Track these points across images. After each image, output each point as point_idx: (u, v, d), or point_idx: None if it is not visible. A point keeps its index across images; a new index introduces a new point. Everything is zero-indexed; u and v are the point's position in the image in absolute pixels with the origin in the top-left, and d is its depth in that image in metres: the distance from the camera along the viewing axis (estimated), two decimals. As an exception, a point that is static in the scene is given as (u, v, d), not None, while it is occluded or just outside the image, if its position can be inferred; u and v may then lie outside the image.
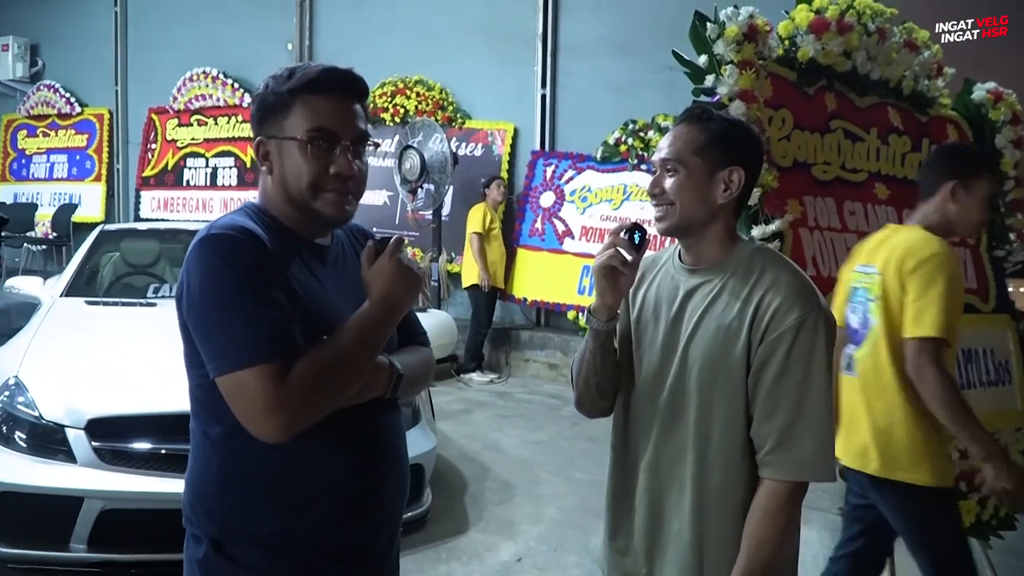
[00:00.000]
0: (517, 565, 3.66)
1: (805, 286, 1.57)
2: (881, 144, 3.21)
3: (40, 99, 11.23)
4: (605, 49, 7.69)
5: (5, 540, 3.15)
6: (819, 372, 1.53)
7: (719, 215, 1.63)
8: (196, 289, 1.34)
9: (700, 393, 1.61)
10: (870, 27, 3.10)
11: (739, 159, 1.61)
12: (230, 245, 1.36)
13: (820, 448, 1.53)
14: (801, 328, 1.52)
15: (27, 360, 3.59)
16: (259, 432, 1.32)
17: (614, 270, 1.59)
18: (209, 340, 1.34)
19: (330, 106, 1.44)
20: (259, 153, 1.48)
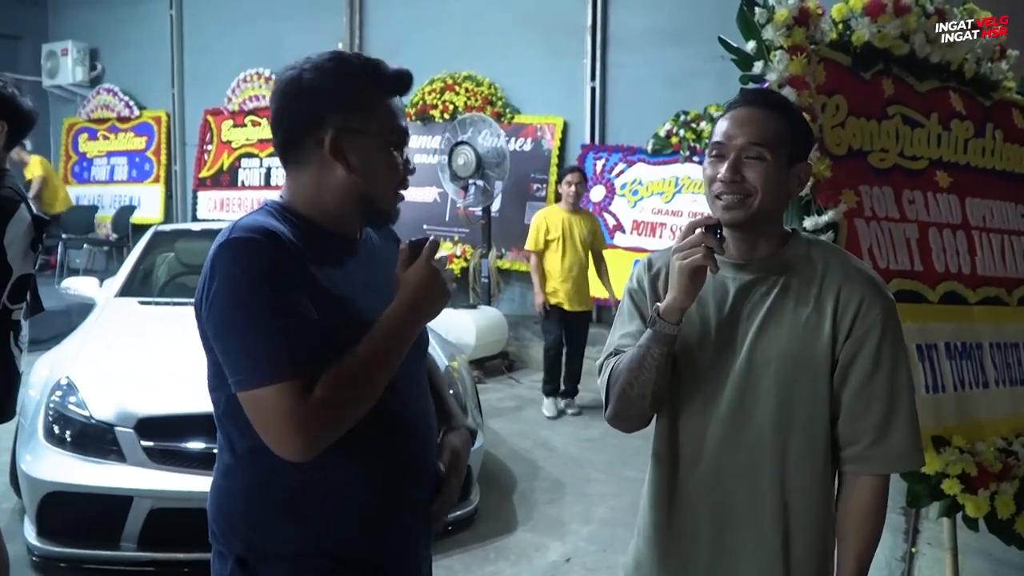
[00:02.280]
0: (566, 566, 3.61)
1: (877, 277, 1.58)
2: (942, 130, 3.06)
3: (100, 103, 11.48)
4: (655, 40, 7.56)
5: (56, 539, 3.21)
6: (904, 363, 1.54)
7: (783, 209, 1.63)
8: (216, 299, 1.28)
9: (779, 394, 1.52)
10: (928, 8, 2.96)
11: (806, 153, 1.62)
12: (251, 250, 1.29)
13: (914, 438, 1.53)
14: (887, 320, 1.52)
15: (78, 360, 3.65)
16: (282, 452, 1.28)
17: (703, 271, 1.46)
18: (230, 354, 1.29)
19: (399, 106, 1.45)
20: (331, 147, 1.37)
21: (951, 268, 2.96)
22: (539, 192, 8.05)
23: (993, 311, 3.06)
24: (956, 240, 3.01)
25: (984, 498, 2.66)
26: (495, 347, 7.16)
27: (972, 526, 2.74)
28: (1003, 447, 2.81)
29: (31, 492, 3.23)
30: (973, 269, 3.04)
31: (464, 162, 7.34)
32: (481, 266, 7.60)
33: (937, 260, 2.92)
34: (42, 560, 3.26)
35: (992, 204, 3.20)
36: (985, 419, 2.89)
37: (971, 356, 2.93)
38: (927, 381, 2.75)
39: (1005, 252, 3.18)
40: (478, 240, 7.77)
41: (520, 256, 8.07)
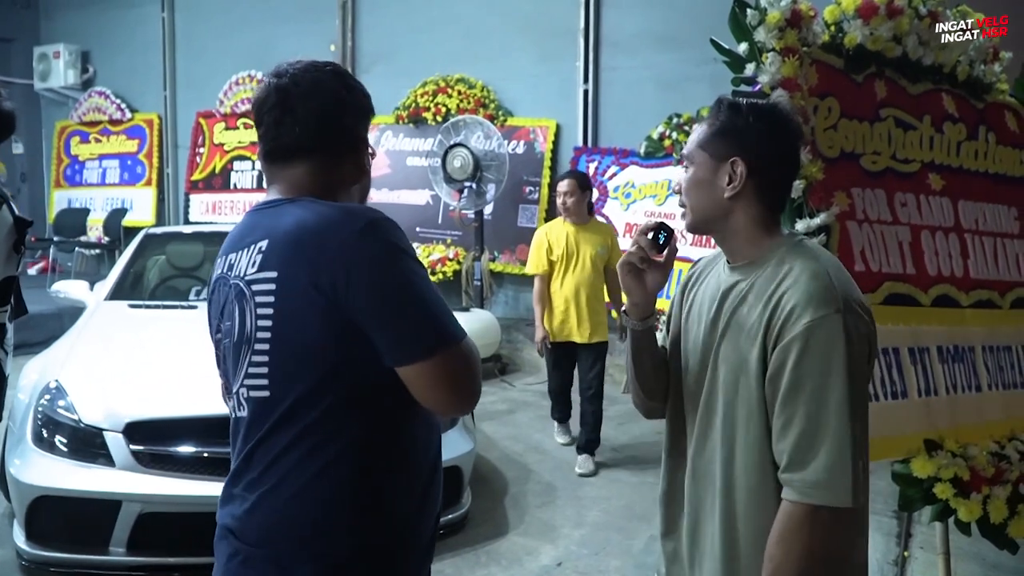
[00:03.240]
0: (557, 570, 3.59)
1: (826, 286, 1.43)
2: (935, 132, 3.06)
3: (92, 105, 11.44)
4: (648, 43, 7.57)
5: (45, 543, 3.18)
6: (838, 382, 1.39)
7: (735, 209, 1.55)
8: (382, 275, 1.32)
9: (725, 400, 1.54)
10: (921, 10, 2.95)
11: (741, 148, 1.54)
12: (396, 227, 1.38)
13: (835, 468, 1.38)
14: (812, 333, 1.40)
15: (68, 363, 3.62)
16: (466, 404, 1.42)
17: (635, 267, 1.59)
18: (414, 323, 1.33)
19: None
20: (363, 152, 1.54)
21: (944, 271, 2.95)
22: (532, 195, 8.04)
23: (986, 314, 3.05)
24: (949, 243, 3.01)
25: (977, 502, 2.65)
26: (488, 350, 7.14)
27: (965, 530, 2.73)
28: (996, 451, 2.81)
29: (20, 496, 3.21)
30: (966, 272, 3.03)
31: (461, 164, 7.33)
32: (474, 269, 7.59)
33: (930, 263, 2.92)
34: (31, 564, 3.24)
35: (985, 207, 3.19)
36: (978, 423, 2.89)
37: (964, 359, 2.93)
38: (919, 384, 2.74)
39: (998, 255, 3.18)
40: (471, 243, 7.76)
41: (512, 259, 8.06)
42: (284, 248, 1.36)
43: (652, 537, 3.86)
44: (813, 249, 1.55)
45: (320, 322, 1.33)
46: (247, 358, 1.41)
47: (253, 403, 1.42)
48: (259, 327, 1.39)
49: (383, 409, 1.39)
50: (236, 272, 1.44)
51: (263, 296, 1.38)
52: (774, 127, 1.57)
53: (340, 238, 1.32)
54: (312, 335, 1.33)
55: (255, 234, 1.44)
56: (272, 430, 1.39)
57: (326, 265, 1.31)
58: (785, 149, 1.59)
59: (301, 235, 1.35)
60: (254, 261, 1.41)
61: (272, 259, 1.38)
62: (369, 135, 1.59)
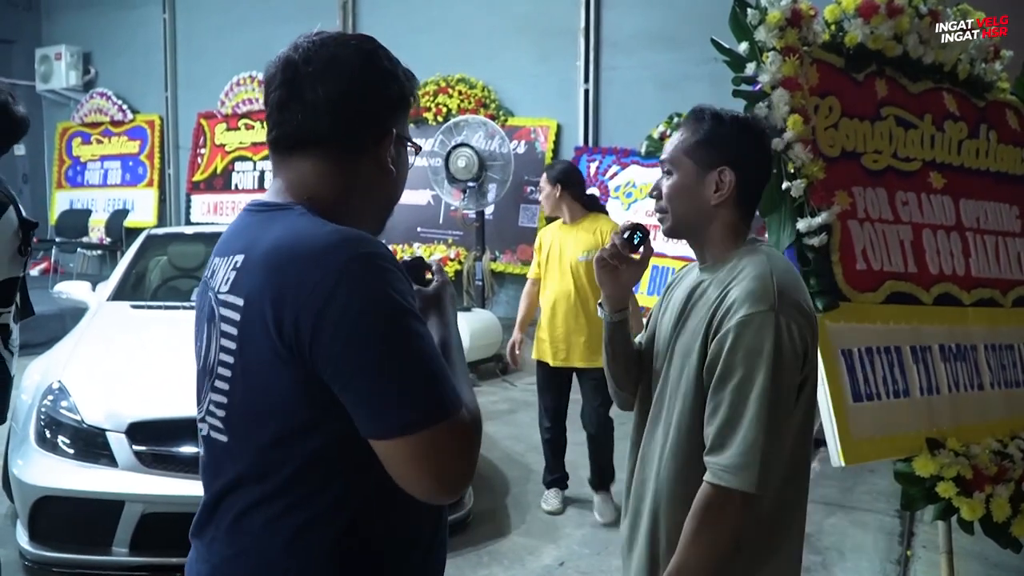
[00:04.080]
0: (559, 569, 3.59)
1: (765, 286, 1.51)
2: (936, 131, 3.06)
3: (93, 107, 11.45)
4: (648, 42, 7.57)
5: (48, 543, 3.18)
6: (762, 375, 1.46)
7: (716, 216, 1.63)
8: (367, 327, 1.05)
9: (671, 391, 1.64)
10: (921, 9, 2.96)
11: (729, 158, 1.60)
12: (390, 264, 1.11)
13: (746, 455, 1.46)
14: (745, 327, 1.49)
15: (70, 364, 3.63)
16: (450, 490, 1.11)
17: (607, 263, 1.70)
18: (395, 391, 1.06)
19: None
20: (387, 147, 1.25)
21: (945, 270, 2.95)
22: (532, 195, 8.04)
23: (988, 313, 3.05)
24: (950, 242, 3.01)
25: (979, 501, 2.65)
26: (489, 350, 7.15)
27: (967, 529, 2.73)
28: (998, 449, 2.81)
29: (23, 497, 3.21)
30: (967, 271, 3.03)
31: (465, 164, 7.33)
32: (475, 269, 7.60)
33: (931, 262, 2.92)
34: (34, 565, 3.24)
35: (986, 205, 3.19)
36: (980, 421, 2.89)
37: (966, 358, 2.93)
38: (921, 383, 2.75)
39: (999, 253, 3.18)
40: (472, 243, 7.77)
41: (514, 259, 8.06)
42: (256, 272, 1.13)
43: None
44: (768, 252, 1.62)
45: (284, 374, 1.09)
46: (208, 392, 1.21)
47: (212, 445, 1.22)
48: (220, 360, 1.17)
49: (372, 469, 1.11)
50: (214, 284, 1.22)
51: (227, 325, 1.15)
52: (758, 139, 1.66)
53: (315, 276, 1.06)
54: (275, 385, 1.11)
55: (238, 243, 1.21)
56: (235, 484, 1.18)
57: (292, 306, 1.07)
58: (765, 160, 1.69)
59: (274, 261, 1.11)
60: (228, 278, 1.18)
61: (243, 281, 1.15)
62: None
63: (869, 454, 2.65)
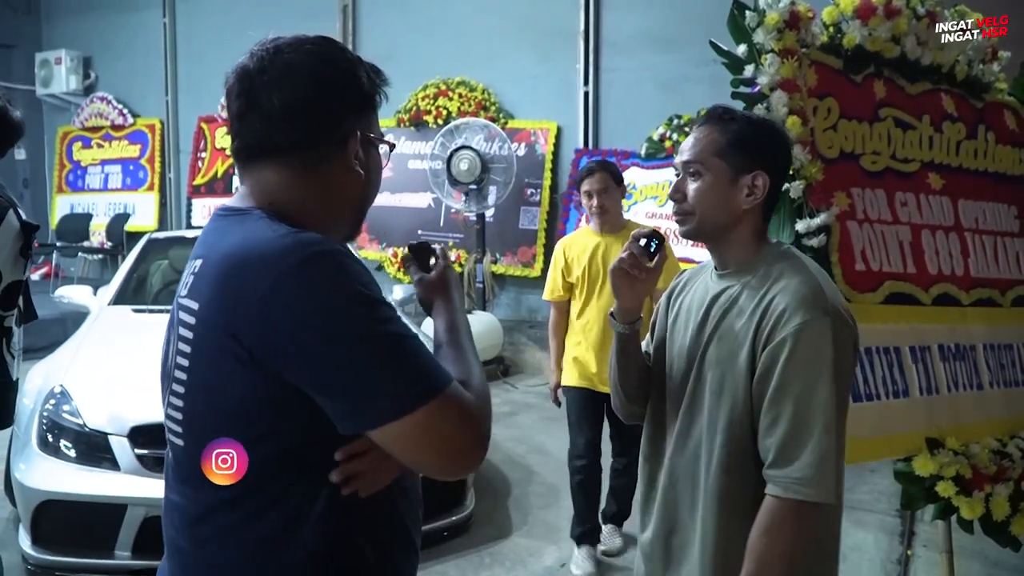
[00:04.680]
0: (561, 571, 3.60)
1: (815, 291, 1.49)
2: (934, 132, 3.07)
3: (94, 111, 11.46)
4: (648, 44, 7.58)
5: (51, 547, 3.20)
6: (825, 383, 1.44)
7: (743, 220, 1.60)
8: (328, 323, 1.04)
9: (710, 401, 1.57)
10: (919, 11, 2.97)
11: (763, 162, 1.57)
12: (346, 259, 1.09)
13: (819, 465, 1.43)
14: (802, 335, 1.45)
15: (72, 369, 3.64)
16: (468, 462, 1.12)
17: (626, 273, 1.63)
18: (378, 380, 1.04)
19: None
20: (352, 150, 1.22)
21: (944, 270, 2.96)
22: (533, 197, 8.06)
23: (987, 313, 3.06)
24: (949, 242, 3.02)
25: (979, 500, 2.66)
26: (490, 352, 7.15)
27: (967, 528, 2.73)
28: (998, 449, 2.82)
29: (25, 500, 3.23)
30: (966, 271, 3.04)
31: (468, 167, 7.34)
32: (476, 271, 7.61)
33: (930, 262, 2.93)
34: (37, 568, 3.25)
35: (985, 206, 3.20)
36: (980, 421, 2.90)
37: (965, 358, 2.94)
38: (921, 383, 2.75)
39: (998, 254, 3.19)
40: (472, 245, 7.77)
41: (514, 261, 8.07)
42: (210, 277, 1.12)
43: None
44: (800, 256, 1.60)
45: (242, 380, 1.07)
46: (168, 394, 1.19)
47: (173, 449, 1.20)
48: (177, 364, 1.16)
49: (329, 478, 1.11)
50: (178, 288, 1.21)
51: (184, 329, 1.14)
52: (785, 143, 1.65)
53: (265, 280, 1.05)
54: (231, 394, 1.09)
55: (201, 247, 1.20)
56: (193, 490, 1.16)
57: (246, 312, 1.05)
58: (789, 164, 1.68)
59: (227, 267, 1.10)
60: (187, 282, 1.17)
61: (199, 286, 1.13)
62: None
63: (869, 454, 2.66)
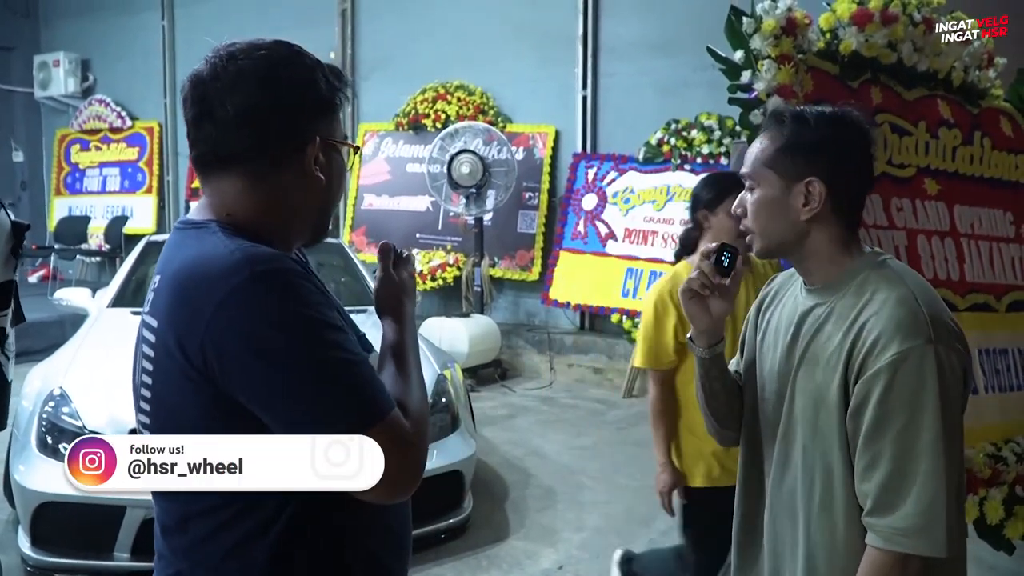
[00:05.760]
0: (558, 573, 3.61)
1: (913, 312, 1.32)
2: (930, 138, 3.09)
3: (92, 113, 11.46)
4: (646, 49, 7.60)
5: (50, 549, 3.21)
6: (930, 420, 1.28)
7: (812, 231, 1.43)
8: (271, 346, 1.05)
9: (804, 432, 1.44)
10: (916, 17, 2.99)
11: (817, 166, 1.41)
12: (294, 279, 1.09)
13: (927, 514, 1.27)
14: (900, 366, 1.29)
15: (71, 371, 3.64)
16: (399, 491, 1.12)
17: (697, 294, 1.49)
18: (313, 404, 1.05)
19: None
20: (311, 156, 1.19)
21: (939, 275, 2.98)
22: (531, 201, 8.07)
23: (981, 318, 3.08)
24: (944, 247, 3.04)
25: (973, 503, 2.68)
26: (488, 355, 7.17)
27: (962, 531, 2.75)
28: (992, 453, 2.83)
29: (25, 502, 3.23)
30: (961, 276, 3.06)
31: (470, 171, 7.36)
32: (474, 275, 7.62)
33: (926, 267, 2.94)
34: (36, 570, 3.26)
35: (980, 211, 3.22)
36: (974, 425, 2.90)
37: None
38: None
39: (993, 259, 3.21)
40: (471, 249, 7.79)
41: (512, 264, 8.08)
42: (165, 294, 1.14)
43: (652, 541, 3.88)
44: (898, 269, 1.43)
45: (195, 396, 1.10)
46: (137, 410, 1.23)
47: None
48: (143, 381, 1.18)
49: (311, 499, 1.12)
50: (144, 303, 1.22)
51: (146, 346, 1.16)
52: (848, 137, 1.44)
53: (211, 299, 1.05)
54: (188, 407, 1.11)
55: (161, 262, 1.21)
56: (167, 503, 1.20)
57: (193, 332, 1.07)
58: (861, 160, 1.46)
59: (177, 284, 1.11)
60: (148, 298, 1.19)
61: (158, 303, 1.15)
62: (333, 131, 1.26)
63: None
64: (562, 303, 7.65)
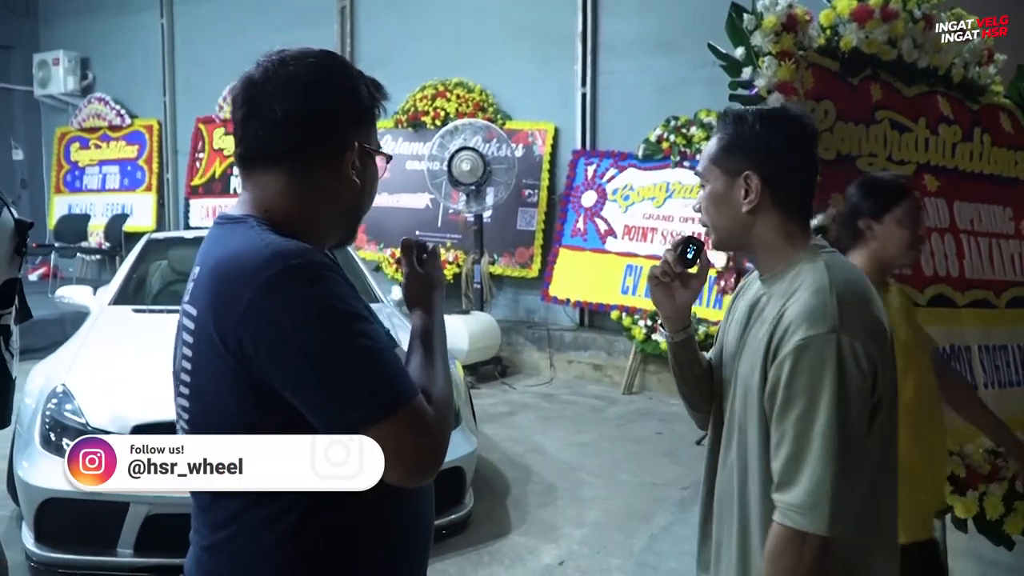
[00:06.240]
0: (559, 569, 3.63)
1: (823, 303, 1.38)
2: (930, 134, 3.10)
3: (91, 112, 11.45)
4: (646, 46, 7.61)
5: (54, 545, 3.22)
6: (826, 405, 1.34)
7: (756, 223, 1.51)
8: (303, 335, 1.11)
9: (739, 415, 1.52)
10: (916, 14, 3.00)
11: (752, 160, 1.49)
12: (324, 272, 1.15)
13: (814, 493, 1.34)
14: (803, 353, 1.36)
15: (74, 368, 3.65)
16: (423, 474, 1.18)
17: (659, 281, 1.60)
18: (336, 394, 1.12)
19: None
20: (348, 160, 1.28)
21: (939, 271, 2.99)
22: (531, 198, 8.08)
23: (981, 314, 3.09)
24: (944, 244, 3.05)
25: (973, 499, 2.69)
26: (488, 352, 7.18)
27: (961, 527, 2.76)
28: (992, 448, 2.84)
29: (28, 499, 3.24)
30: (961, 272, 3.07)
31: (470, 168, 7.37)
32: (473, 272, 7.63)
33: (925, 263, 2.95)
34: (40, 566, 3.28)
35: (980, 208, 3.23)
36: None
37: (960, 359, 2.96)
38: (916, 383, 2.78)
39: (993, 255, 3.22)
40: (470, 246, 7.80)
41: (512, 262, 8.09)
42: (204, 285, 1.20)
43: (652, 536, 3.90)
44: (830, 261, 1.48)
45: (234, 386, 1.16)
46: (177, 396, 1.29)
47: None
48: (182, 367, 1.24)
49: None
50: (184, 293, 1.29)
51: (187, 334, 1.22)
52: (784, 133, 1.51)
53: (247, 290, 1.12)
54: (225, 393, 1.18)
55: (200, 255, 1.28)
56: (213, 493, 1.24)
57: (231, 322, 1.13)
58: (799, 154, 1.53)
59: (215, 276, 1.18)
60: (189, 288, 1.26)
61: (197, 293, 1.22)
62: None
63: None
64: (562, 300, 7.66)
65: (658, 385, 6.92)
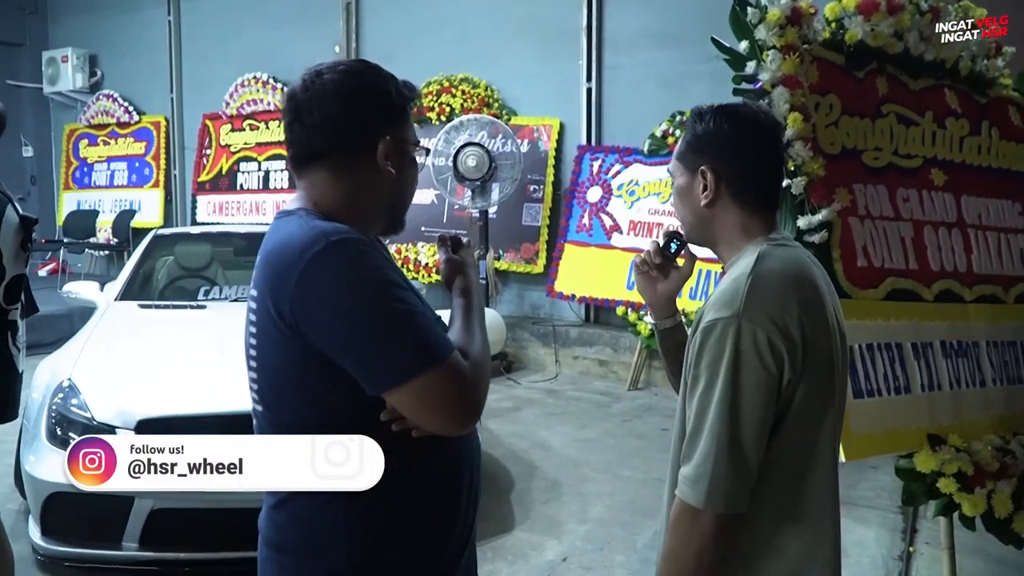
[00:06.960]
0: (563, 565, 3.62)
1: (735, 290, 1.42)
2: (937, 128, 3.08)
3: (100, 108, 11.49)
4: (651, 41, 7.58)
5: (60, 539, 3.23)
6: (721, 385, 1.38)
7: (714, 217, 1.57)
8: (346, 301, 1.26)
9: (682, 398, 1.57)
10: (922, 6, 2.98)
11: (708, 156, 1.55)
12: (361, 248, 1.31)
13: (700, 467, 1.38)
14: (707, 335, 1.41)
15: (80, 363, 3.66)
16: (462, 423, 1.33)
17: (641, 271, 1.72)
18: (388, 349, 1.26)
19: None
20: (382, 153, 1.43)
21: (947, 266, 2.97)
22: (536, 194, 8.06)
23: (989, 309, 3.07)
24: (952, 238, 3.02)
25: (981, 497, 2.67)
26: (493, 348, 7.15)
27: (969, 525, 2.74)
28: (1000, 445, 2.82)
29: (35, 492, 3.25)
30: (969, 267, 3.05)
31: (476, 163, 7.36)
32: (479, 267, 7.62)
33: (932, 258, 2.93)
34: (46, 559, 3.30)
35: (988, 202, 3.21)
36: (982, 417, 2.90)
37: (967, 354, 2.94)
38: (923, 379, 2.76)
39: (1001, 250, 3.19)
40: (476, 241, 7.79)
41: (517, 257, 8.08)
42: (262, 268, 1.37)
43: (656, 532, 3.88)
44: (767, 252, 1.49)
45: (292, 354, 1.31)
46: (248, 367, 1.43)
47: (256, 416, 1.44)
48: (250, 344, 1.40)
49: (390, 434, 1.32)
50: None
51: (251, 313, 1.39)
52: (737, 129, 1.56)
53: (296, 266, 1.28)
54: (284, 361, 1.33)
55: (262, 245, 1.43)
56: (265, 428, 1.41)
57: (284, 294, 1.29)
58: (750, 151, 1.55)
59: (270, 259, 1.35)
60: (252, 275, 1.42)
61: (257, 277, 1.38)
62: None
63: (870, 450, 2.67)
64: (567, 296, 7.65)
65: (663, 381, 6.90)
